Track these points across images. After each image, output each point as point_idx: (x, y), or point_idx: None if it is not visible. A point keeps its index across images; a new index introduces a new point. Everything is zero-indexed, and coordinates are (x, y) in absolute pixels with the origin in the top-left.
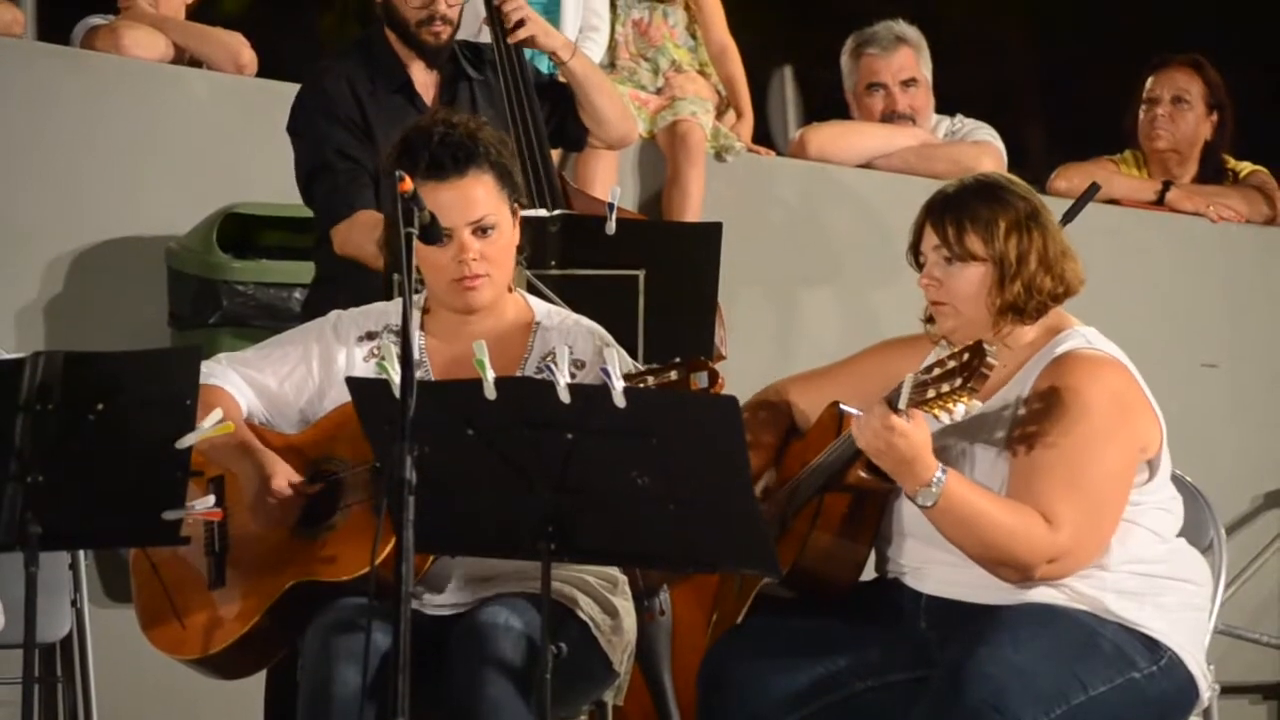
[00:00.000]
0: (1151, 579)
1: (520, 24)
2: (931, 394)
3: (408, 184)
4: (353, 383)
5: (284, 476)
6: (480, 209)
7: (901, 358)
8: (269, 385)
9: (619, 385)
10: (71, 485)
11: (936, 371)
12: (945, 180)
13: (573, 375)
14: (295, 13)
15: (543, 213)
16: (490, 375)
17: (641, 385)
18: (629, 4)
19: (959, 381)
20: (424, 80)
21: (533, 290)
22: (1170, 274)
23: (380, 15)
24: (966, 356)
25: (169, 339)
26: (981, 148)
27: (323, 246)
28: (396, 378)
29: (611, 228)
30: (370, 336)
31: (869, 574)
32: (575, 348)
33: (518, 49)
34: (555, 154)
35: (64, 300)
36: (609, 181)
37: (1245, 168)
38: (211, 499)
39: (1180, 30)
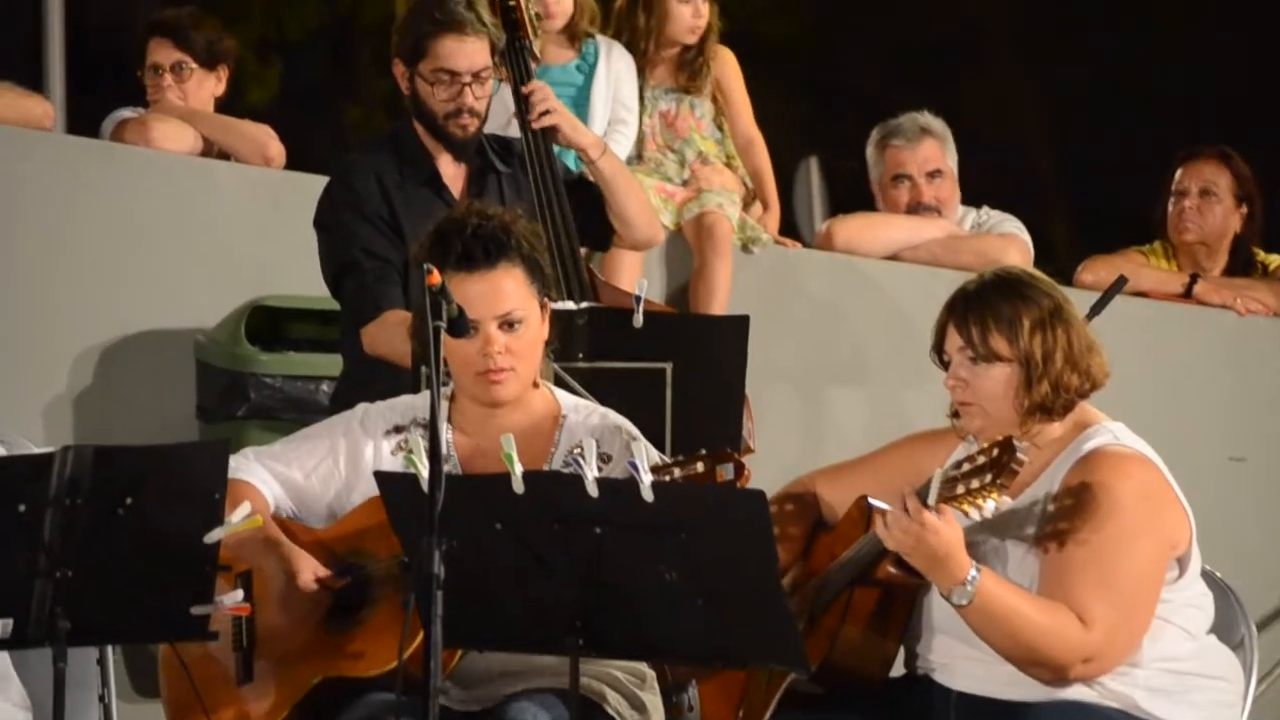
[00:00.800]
0: (1183, 676)
1: (546, 113)
2: (961, 490)
3: (436, 277)
4: (381, 477)
5: (310, 572)
6: (508, 303)
7: (928, 452)
8: (296, 479)
9: (647, 479)
10: (100, 580)
11: (966, 467)
12: (972, 272)
13: (600, 469)
14: (322, 105)
15: (570, 305)
16: (518, 469)
17: (668, 477)
18: (656, 95)
19: (989, 478)
20: (452, 172)
21: (560, 383)
22: (1198, 367)
23: (408, 108)
24: (996, 452)
25: (197, 432)
26: (1008, 240)
27: (350, 339)
28: (424, 472)
29: (639, 320)
30: (397, 430)
31: (898, 670)
32: (602, 442)
33: (547, 142)
34: (582, 248)
35: (92, 393)
36: (636, 274)
37: (1275, 260)
38: (240, 594)
39: (1208, 120)
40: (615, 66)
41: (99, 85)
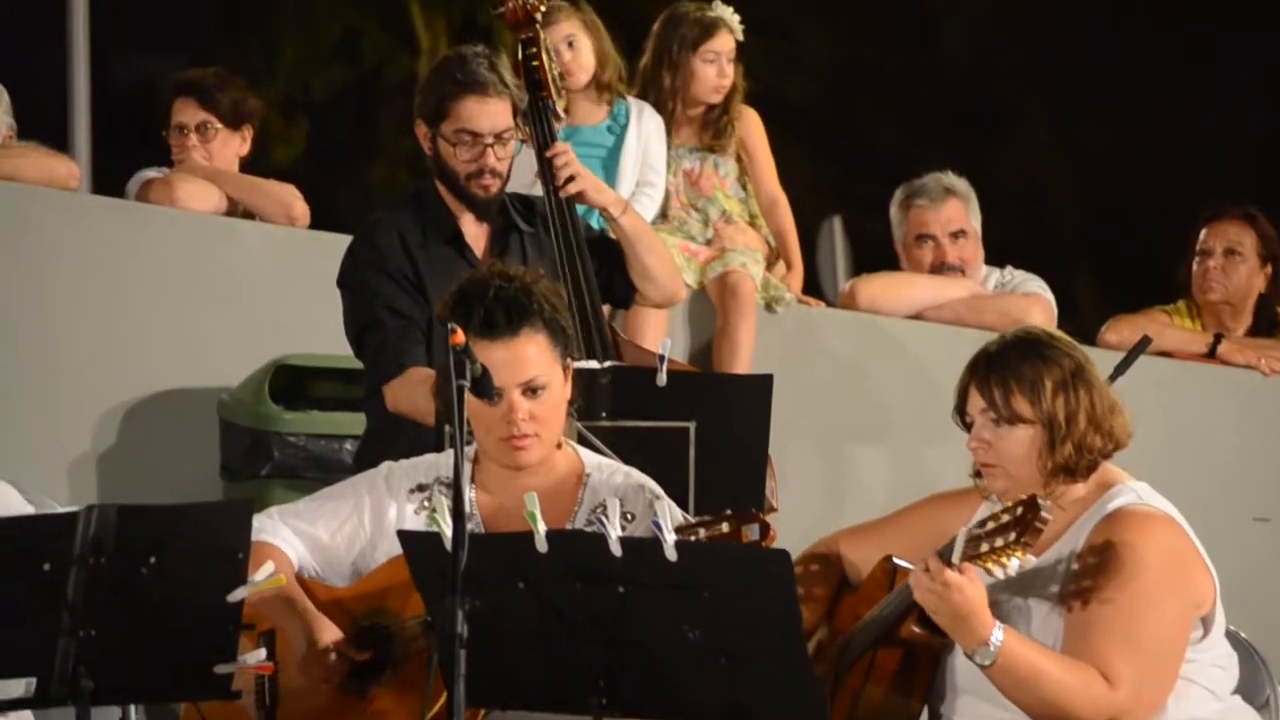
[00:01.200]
0: None
1: (570, 179)
2: (985, 548)
3: (460, 337)
4: (404, 536)
5: (330, 638)
6: (531, 370)
7: (952, 511)
8: (320, 538)
9: (670, 538)
10: (124, 639)
11: (990, 526)
12: (995, 332)
13: (623, 528)
14: (347, 164)
15: (594, 364)
16: (542, 528)
17: (693, 537)
18: (681, 154)
19: (1013, 536)
20: (474, 232)
21: (583, 442)
22: (1222, 427)
23: (431, 168)
24: (1020, 511)
25: (221, 491)
26: (1031, 300)
27: (374, 398)
28: (448, 531)
29: (662, 379)
30: (421, 489)
31: None
32: (625, 501)
33: (570, 201)
34: (605, 306)
35: (116, 452)
36: (659, 333)
37: None
38: (263, 652)
39: (1233, 180)
40: (646, 128)
41: (124, 145)
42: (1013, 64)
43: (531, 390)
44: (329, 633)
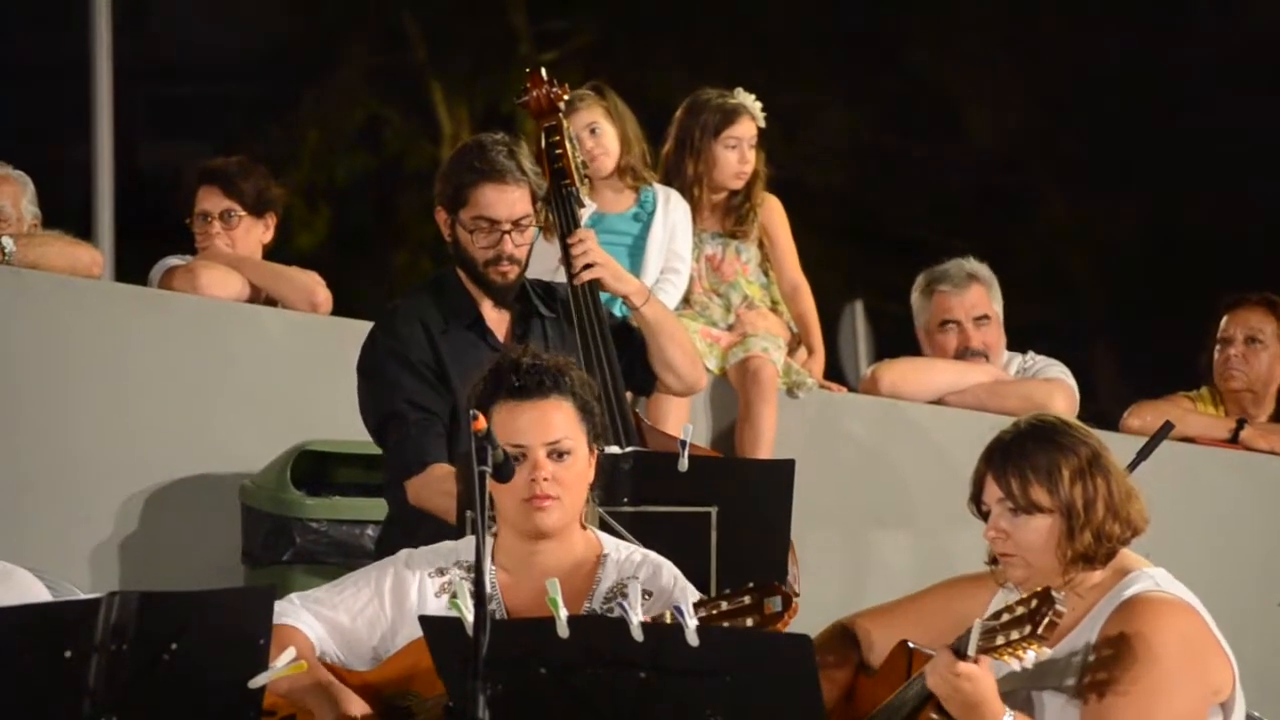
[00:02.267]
0: None
1: (588, 267)
2: (1000, 640)
3: (481, 423)
4: (426, 621)
5: (360, 712)
6: (557, 431)
7: (969, 596)
8: (342, 623)
9: (692, 624)
10: None
11: (1005, 618)
12: (1017, 417)
13: (643, 601)
14: (369, 251)
15: (616, 450)
16: (563, 614)
17: (714, 610)
18: (703, 240)
19: (1028, 629)
20: (495, 318)
21: (605, 527)
22: (1245, 512)
23: (451, 254)
24: (1035, 604)
25: (242, 577)
26: (1053, 385)
27: (395, 486)
28: (469, 615)
29: (684, 465)
30: (441, 572)
31: None
32: (643, 580)
33: (592, 287)
34: (627, 393)
35: (138, 538)
36: (681, 418)
37: None
38: None
39: (1255, 265)
40: (673, 216)
41: (148, 233)
42: (1033, 149)
43: (557, 454)
44: (356, 707)
